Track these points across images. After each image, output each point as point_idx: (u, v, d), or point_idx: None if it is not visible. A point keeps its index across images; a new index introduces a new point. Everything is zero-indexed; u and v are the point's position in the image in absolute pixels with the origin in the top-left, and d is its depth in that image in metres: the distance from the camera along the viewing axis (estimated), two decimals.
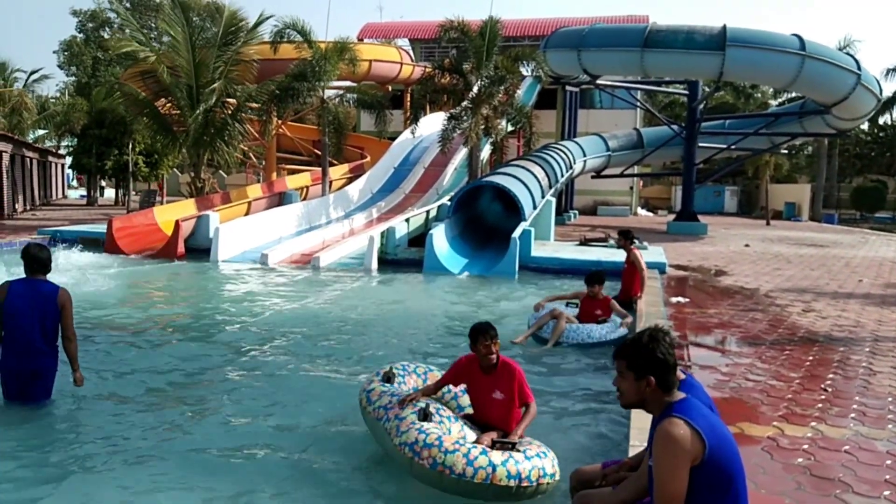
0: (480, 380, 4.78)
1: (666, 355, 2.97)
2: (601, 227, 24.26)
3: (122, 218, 17.80)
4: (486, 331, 4.68)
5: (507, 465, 4.11)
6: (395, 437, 4.37)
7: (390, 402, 4.74)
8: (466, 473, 4.05)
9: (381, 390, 4.90)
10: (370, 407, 4.82)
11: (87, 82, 40.80)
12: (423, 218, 17.88)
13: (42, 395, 5.59)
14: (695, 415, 2.86)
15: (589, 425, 5.67)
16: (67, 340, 5.46)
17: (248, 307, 10.41)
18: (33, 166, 30.91)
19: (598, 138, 28.60)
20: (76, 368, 5.52)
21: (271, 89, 20.83)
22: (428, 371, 5.39)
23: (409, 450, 4.22)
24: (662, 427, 2.85)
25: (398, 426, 4.43)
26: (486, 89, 19.03)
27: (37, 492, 4.28)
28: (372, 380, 5.10)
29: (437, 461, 4.10)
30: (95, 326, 8.66)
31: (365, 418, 4.95)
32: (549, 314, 8.29)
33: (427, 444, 4.17)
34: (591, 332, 8.22)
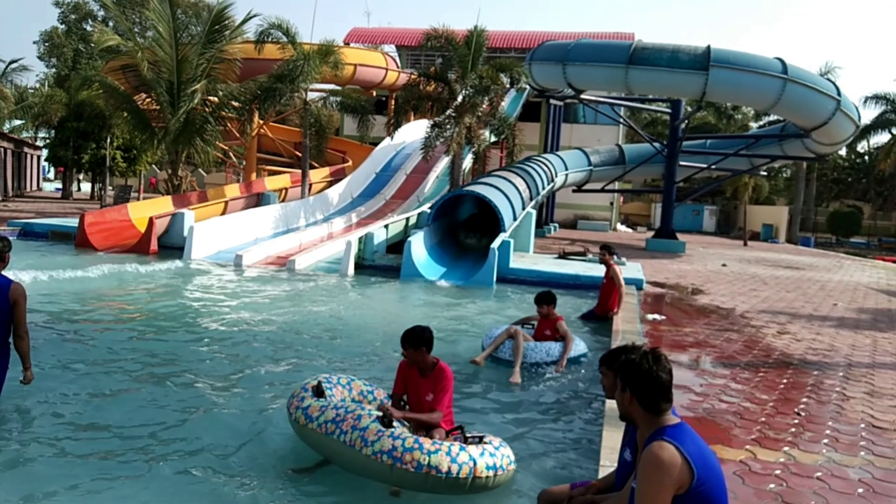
0: (417, 381, 4.97)
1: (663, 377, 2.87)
2: (580, 240, 24.26)
3: (96, 213, 17.43)
4: (407, 339, 4.89)
5: (485, 457, 4.33)
6: (364, 448, 4.34)
7: (338, 416, 4.60)
8: (452, 471, 4.20)
9: (320, 405, 4.75)
10: (312, 423, 4.66)
11: (67, 74, 40.18)
12: (403, 225, 17.73)
13: None
14: (687, 442, 2.77)
15: (558, 445, 5.54)
16: (18, 338, 5.12)
17: (210, 307, 10.19)
18: (7, 157, 30.35)
19: (581, 153, 28.69)
20: (27, 367, 5.22)
21: (253, 89, 20.61)
22: (351, 381, 5.34)
23: (387, 457, 4.24)
24: (651, 449, 2.75)
25: (363, 437, 4.38)
26: (471, 99, 19.00)
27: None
28: (303, 396, 4.91)
29: (422, 463, 4.19)
30: (50, 321, 8.42)
31: (304, 434, 4.78)
32: (504, 333, 7.92)
33: (408, 448, 4.24)
34: (549, 350, 7.84)
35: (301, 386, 5.08)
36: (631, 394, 2.93)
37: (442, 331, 9.34)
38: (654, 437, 2.82)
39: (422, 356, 4.91)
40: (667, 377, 2.88)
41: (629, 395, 2.94)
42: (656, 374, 2.86)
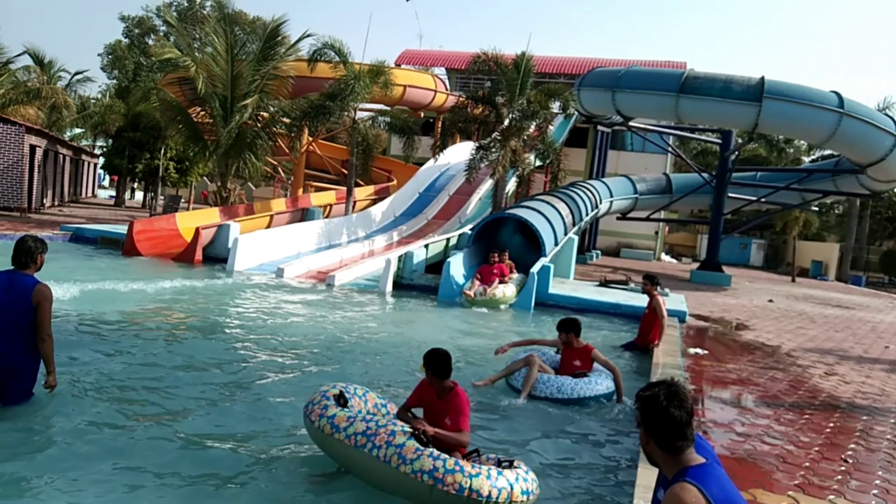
0: (435, 403, 4.97)
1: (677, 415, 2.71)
2: (623, 269, 23.93)
3: (144, 221, 17.85)
4: (426, 360, 4.93)
5: (520, 482, 4.35)
6: (402, 466, 4.31)
7: (369, 429, 4.56)
8: (493, 496, 4.21)
9: (347, 415, 4.71)
10: (339, 434, 4.62)
11: (127, 86, 41.52)
12: (443, 245, 17.73)
13: (20, 396, 5.32)
14: (711, 484, 2.61)
15: (590, 482, 5.34)
16: (41, 341, 5.14)
17: (247, 317, 10.29)
18: (66, 163, 31.36)
19: (627, 180, 28.40)
20: (50, 371, 5.22)
21: (304, 106, 20.96)
22: (366, 392, 5.33)
23: (427, 477, 4.23)
24: (673, 492, 2.61)
25: (400, 454, 4.36)
26: (517, 122, 18.97)
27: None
28: (325, 404, 4.86)
29: (464, 486, 4.20)
30: (92, 324, 8.59)
31: (327, 444, 4.75)
32: (522, 360, 7.44)
33: (449, 470, 4.24)
34: (561, 387, 7.19)
35: (321, 393, 5.00)
36: (646, 432, 2.81)
37: (474, 353, 9.26)
38: (676, 479, 2.69)
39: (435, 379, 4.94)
40: (682, 415, 2.71)
41: (644, 433, 2.82)
42: (670, 412, 2.71)
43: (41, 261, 5.35)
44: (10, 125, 22.35)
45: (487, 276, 14.16)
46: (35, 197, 24.27)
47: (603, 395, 7.34)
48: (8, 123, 22.42)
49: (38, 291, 5.13)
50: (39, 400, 5.49)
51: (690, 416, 2.75)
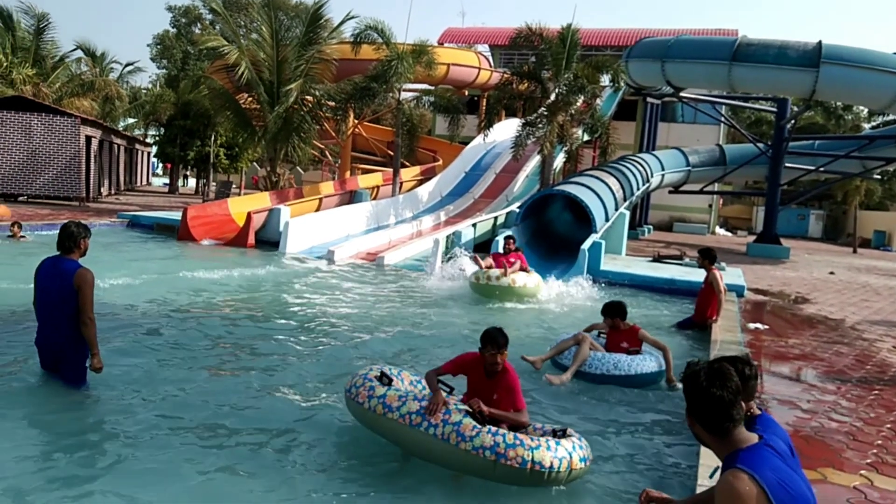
0: (482, 380, 4.88)
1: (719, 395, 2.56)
2: (676, 244, 23.44)
3: (197, 207, 18.20)
4: (495, 340, 4.77)
5: (577, 450, 4.41)
6: (462, 444, 4.34)
7: (423, 408, 4.58)
8: (554, 466, 4.26)
9: (398, 395, 4.73)
10: (392, 414, 4.63)
11: (176, 75, 42.31)
12: (491, 224, 17.62)
13: (72, 380, 5.45)
14: (764, 468, 2.48)
15: (650, 462, 5.21)
16: (83, 324, 5.24)
17: (300, 299, 10.38)
18: (120, 152, 32.15)
19: (678, 152, 27.72)
20: (94, 353, 5.32)
21: (348, 89, 20.99)
22: (401, 371, 5.35)
23: (489, 453, 4.27)
24: (725, 480, 2.49)
25: (459, 431, 4.38)
26: (564, 97, 18.62)
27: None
28: (371, 385, 4.85)
29: (526, 459, 4.23)
30: (148, 308, 8.77)
31: (379, 424, 4.74)
32: (572, 338, 7.26)
33: (510, 445, 4.28)
34: (617, 363, 6.97)
35: (361, 376, 5.00)
36: (690, 414, 2.67)
37: (520, 329, 9.16)
38: (727, 465, 2.56)
39: (503, 358, 4.83)
40: (726, 395, 2.56)
41: (689, 415, 2.69)
42: (711, 393, 2.57)
43: (85, 245, 5.44)
44: (66, 117, 22.99)
45: (501, 266, 11.48)
46: (92, 186, 24.96)
47: (659, 372, 7.15)
48: (65, 116, 23.06)
49: (79, 275, 5.22)
50: (106, 385, 5.65)
51: (736, 395, 2.60)
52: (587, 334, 7.36)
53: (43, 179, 22.66)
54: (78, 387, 5.47)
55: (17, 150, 22.34)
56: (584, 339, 7.16)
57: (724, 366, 2.66)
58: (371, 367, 5.21)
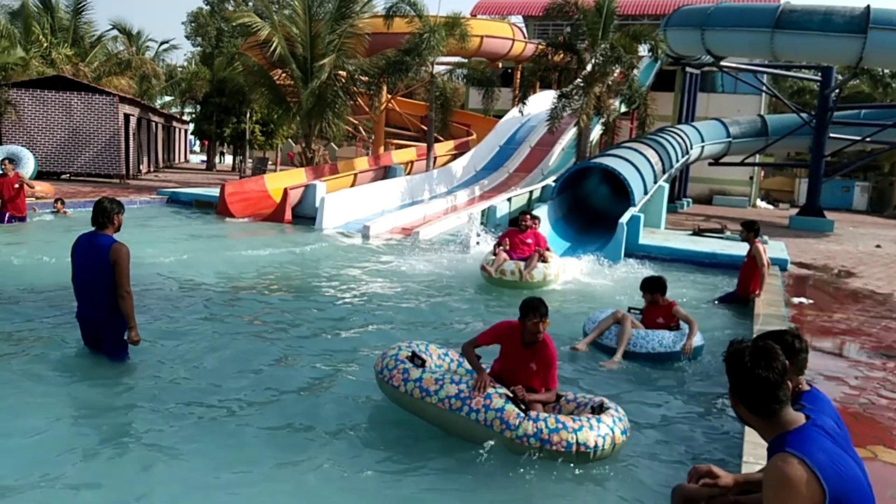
0: (518, 350, 4.86)
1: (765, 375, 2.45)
2: (716, 217, 23.01)
3: (235, 183, 18.37)
4: (537, 308, 4.75)
5: (617, 424, 4.47)
6: (507, 432, 4.36)
7: (461, 392, 4.55)
8: (599, 445, 4.32)
9: (434, 378, 4.70)
10: (430, 398, 4.61)
11: (211, 52, 42.55)
12: (526, 198, 17.46)
13: (115, 354, 5.57)
14: (814, 450, 2.37)
15: (693, 437, 5.15)
16: (120, 298, 5.33)
17: (340, 274, 10.42)
18: (158, 130, 32.56)
19: (719, 123, 27.06)
20: (132, 326, 5.43)
21: (381, 63, 20.87)
22: (427, 345, 5.31)
23: (534, 440, 4.31)
24: (774, 465, 2.39)
25: (502, 418, 4.39)
26: (601, 67, 18.25)
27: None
28: (405, 368, 4.79)
29: (571, 442, 4.29)
30: (186, 283, 8.88)
31: (418, 407, 4.71)
32: (611, 317, 7.07)
33: (554, 430, 4.31)
34: (662, 340, 6.84)
35: (392, 357, 4.93)
36: (734, 394, 2.57)
37: (553, 303, 9.05)
38: (775, 447, 2.46)
39: (545, 327, 4.81)
40: (771, 376, 2.45)
41: (732, 395, 2.58)
42: (756, 374, 2.45)
43: (118, 221, 5.51)
44: (105, 96, 23.31)
45: (519, 247, 10.27)
46: (132, 164, 25.35)
47: (700, 347, 7.03)
48: (103, 94, 23.39)
49: (114, 250, 5.30)
50: (143, 356, 5.75)
51: (782, 375, 2.48)
52: (626, 312, 7.23)
53: (84, 157, 23.07)
54: (119, 360, 5.59)
55: (58, 128, 22.75)
56: (625, 317, 7.04)
57: (769, 344, 2.56)
58: (399, 345, 5.16)
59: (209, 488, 3.89)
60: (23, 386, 5.06)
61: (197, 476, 4.01)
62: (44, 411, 4.66)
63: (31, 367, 5.43)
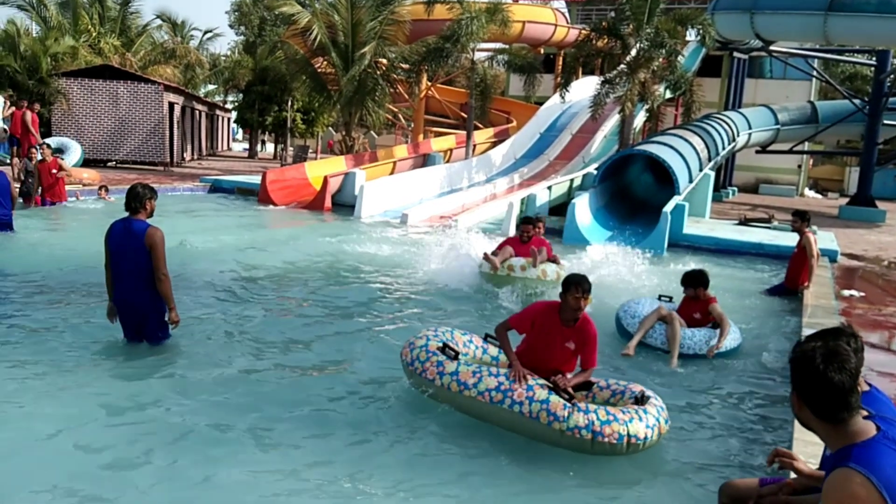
0: (557, 328, 4.77)
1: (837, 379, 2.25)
2: (762, 206, 22.43)
3: (276, 171, 18.52)
4: (581, 283, 4.67)
5: (661, 413, 4.46)
6: (556, 423, 4.28)
7: (501, 384, 4.46)
8: (648, 435, 4.29)
9: (471, 370, 4.60)
10: (469, 391, 4.52)
11: (253, 41, 42.92)
12: (567, 186, 17.23)
13: (156, 337, 5.68)
14: (882, 467, 2.17)
15: (742, 434, 4.98)
16: (158, 281, 5.42)
17: (376, 261, 10.39)
18: (202, 119, 33.00)
19: (767, 110, 26.30)
20: (171, 308, 5.53)
21: (422, 50, 20.78)
22: (452, 332, 5.22)
23: (585, 432, 4.23)
24: (836, 480, 2.20)
25: (548, 410, 4.32)
26: (645, 53, 17.84)
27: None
28: (438, 360, 4.69)
29: (622, 434, 4.23)
30: (227, 270, 8.95)
31: (457, 401, 4.60)
32: (654, 314, 6.75)
33: (605, 422, 4.25)
34: (710, 340, 6.61)
35: (422, 347, 4.82)
36: (798, 397, 2.38)
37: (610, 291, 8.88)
38: (838, 460, 2.26)
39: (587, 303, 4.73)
40: (844, 380, 2.24)
41: (797, 397, 2.39)
42: (828, 378, 2.25)
43: (151, 207, 5.56)
44: (150, 84, 23.69)
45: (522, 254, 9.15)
46: (176, 151, 25.72)
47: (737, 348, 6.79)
48: (149, 83, 23.77)
49: (149, 234, 5.37)
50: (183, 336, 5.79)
51: (855, 379, 2.28)
52: (673, 311, 6.86)
53: (130, 145, 23.51)
54: (160, 343, 5.69)
55: (105, 117, 23.21)
56: (672, 316, 6.70)
57: (840, 345, 2.36)
58: (425, 334, 5.04)
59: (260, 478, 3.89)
60: (58, 373, 5.13)
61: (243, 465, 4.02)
62: (79, 398, 4.72)
63: (67, 353, 5.51)
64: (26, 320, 6.30)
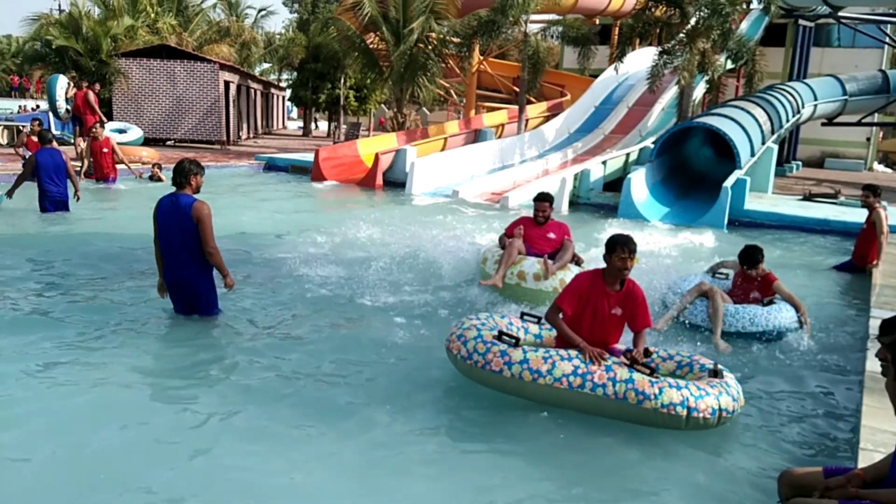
0: (604, 296, 4.62)
1: None
2: (828, 181, 21.52)
3: (328, 149, 18.61)
4: (626, 243, 4.51)
5: (738, 384, 4.47)
6: (647, 402, 4.16)
7: (577, 368, 4.30)
8: (734, 408, 4.28)
9: (541, 357, 4.37)
10: (544, 379, 4.30)
11: (307, 18, 43.13)
12: (622, 161, 16.83)
13: (205, 311, 5.78)
14: None
15: (802, 419, 4.74)
16: (208, 254, 5.50)
17: (427, 239, 10.26)
18: (257, 97, 33.41)
19: (834, 80, 25.09)
20: (225, 274, 5.62)
21: (473, 24, 20.47)
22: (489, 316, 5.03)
23: (681, 408, 4.14)
24: None
25: (636, 389, 4.19)
26: (706, 21, 17.17)
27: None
28: (501, 350, 4.42)
29: (715, 409, 4.18)
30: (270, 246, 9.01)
31: (532, 391, 4.37)
32: (695, 289, 6.39)
33: (699, 396, 4.18)
34: (754, 318, 6.16)
35: (477, 339, 4.55)
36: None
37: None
38: None
39: (633, 264, 4.59)
40: None
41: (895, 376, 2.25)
42: None
43: (196, 182, 5.59)
44: (206, 63, 24.03)
45: (537, 244, 7.11)
46: (232, 130, 26.13)
47: (791, 327, 6.29)
48: (204, 62, 24.12)
49: (195, 208, 5.42)
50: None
51: None
52: (714, 285, 6.51)
53: (187, 124, 23.96)
54: (211, 315, 5.79)
55: (163, 96, 23.68)
56: (713, 290, 6.31)
57: None
58: (473, 325, 4.75)
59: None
60: (111, 348, 5.22)
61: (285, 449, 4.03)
62: (128, 373, 4.80)
63: (117, 332, 5.58)
64: (78, 297, 6.44)
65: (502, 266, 6.73)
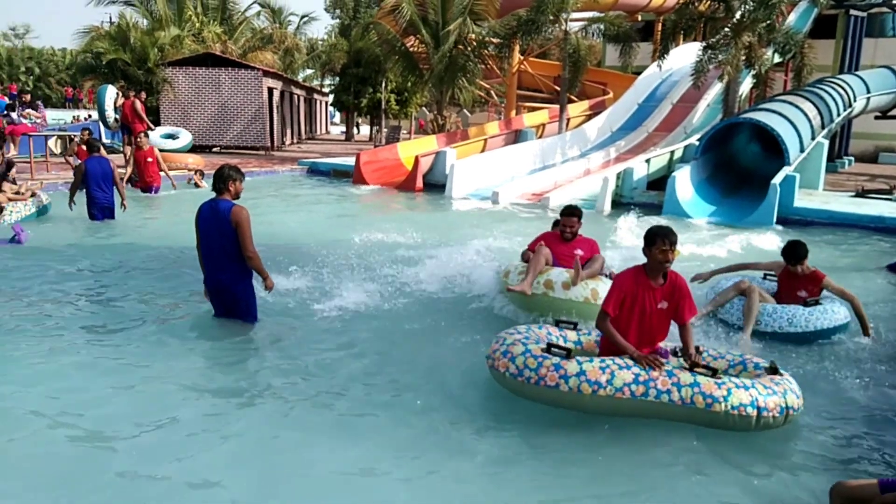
0: (650, 291, 4.51)
1: None
2: (882, 177, 20.78)
3: (369, 152, 18.73)
4: (667, 234, 4.43)
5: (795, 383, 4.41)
6: (717, 405, 4.07)
7: (638, 376, 4.18)
8: (799, 406, 4.26)
9: (598, 367, 4.22)
10: (604, 390, 4.13)
11: (348, 24, 43.55)
12: (667, 159, 16.51)
13: (244, 316, 5.82)
14: None
15: (854, 427, 4.52)
16: (247, 259, 5.56)
17: (465, 241, 10.21)
18: (300, 103, 33.84)
19: (888, 72, 24.22)
20: (265, 277, 5.69)
21: (513, 24, 20.37)
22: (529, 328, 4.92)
23: (751, 409, 4.08)
24: None
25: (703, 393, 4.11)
26: (751, 14, 16.74)
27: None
28: (554, 363, 4.26)
29: (783, 407, 4.15)
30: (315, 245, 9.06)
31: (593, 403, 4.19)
32: (734, 287, 6.24)
33: (766, 396, 4.14)
34: (792, 318, 5.94)
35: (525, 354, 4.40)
36: None
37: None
38: None
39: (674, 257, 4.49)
40: None
41: None
42: None
43: (235, 189, 5.66)
44: (250, 70, 24.43)
45: (565, 260, 6.37)
46: (276, 136, 26.52)
47: (842, 325, 6.05)
48: (248, 69, 24.52)
49: (234, 213, 5.49)
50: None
51: None
52: (753, 283, 6.33)
53: (233, 131, 24.40)
54: (251, 320, 5.84)
55: (209, 104, 24.16)
56: (751, 288, 6.15)
57: None
58: (517, 340, 4.59)
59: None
60: (153, 353, 5.31)
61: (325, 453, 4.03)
62: (167, 374, 4.89)
63: (160, 335, 5.69)
64: (122, 301, 6.59)
65: (531, 272, 6.10)
